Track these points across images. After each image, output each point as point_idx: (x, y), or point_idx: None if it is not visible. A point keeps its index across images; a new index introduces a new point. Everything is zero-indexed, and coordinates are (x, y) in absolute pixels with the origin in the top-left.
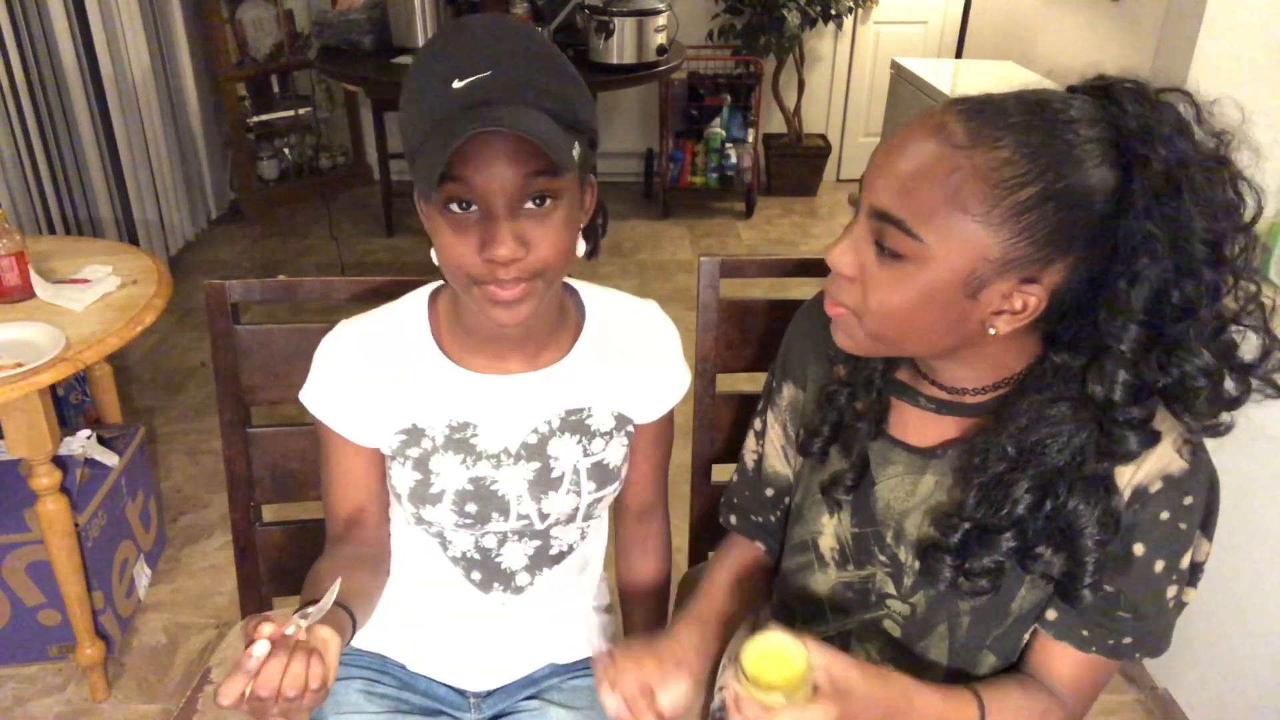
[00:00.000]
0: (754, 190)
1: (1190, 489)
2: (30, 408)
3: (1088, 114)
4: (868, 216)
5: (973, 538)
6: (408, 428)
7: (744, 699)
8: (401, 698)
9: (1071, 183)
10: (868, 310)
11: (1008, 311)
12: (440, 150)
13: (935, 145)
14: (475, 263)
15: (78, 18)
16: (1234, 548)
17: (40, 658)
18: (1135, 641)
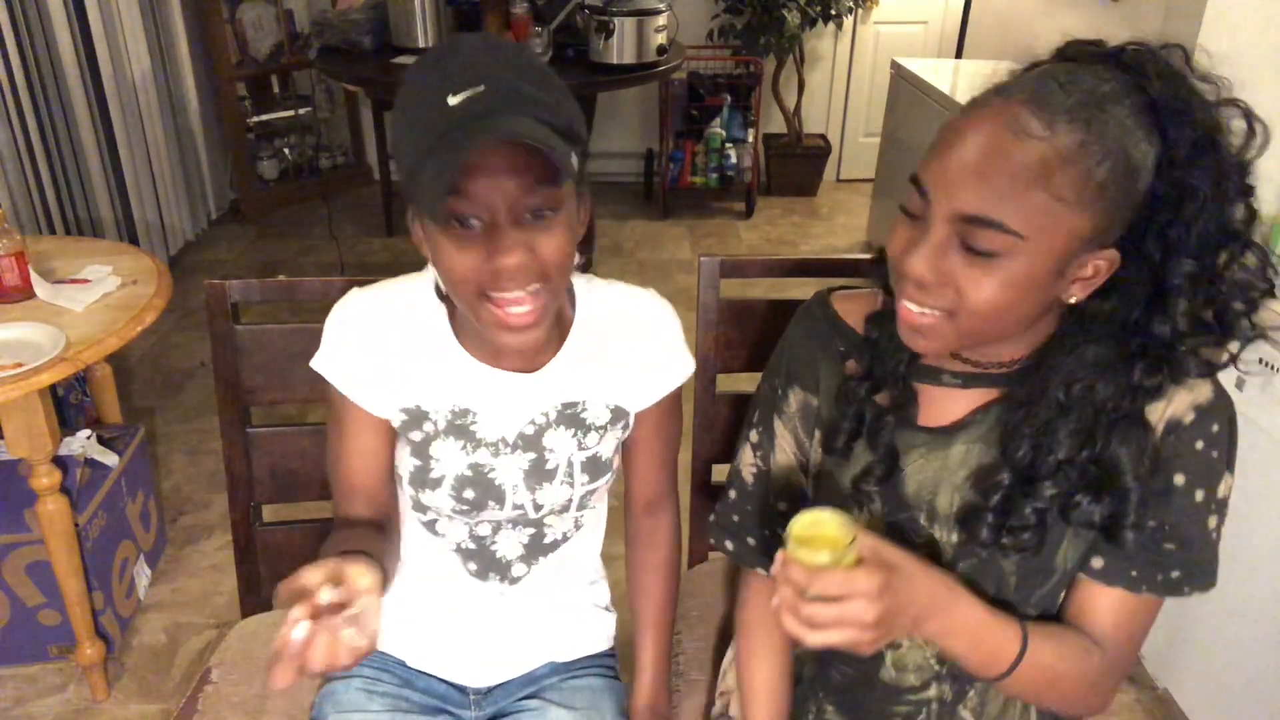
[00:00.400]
0: (754, 190)
1: (1216, 418)
2: (30, 408)
3: (1120, 87)
4: (949, 221)
5: (1016, 492)
6: (412, 407)
7: (789, 562)
8: (402, 695)
9: (1133, 151)
10: (966, 311)
11: (1082, 279)
12: (446, 164)
13: (1015, 139)
14: (483, 275)
15: (78, 18)
16: (1234, 548)
17: (40, 658)
18: (1184, 575)
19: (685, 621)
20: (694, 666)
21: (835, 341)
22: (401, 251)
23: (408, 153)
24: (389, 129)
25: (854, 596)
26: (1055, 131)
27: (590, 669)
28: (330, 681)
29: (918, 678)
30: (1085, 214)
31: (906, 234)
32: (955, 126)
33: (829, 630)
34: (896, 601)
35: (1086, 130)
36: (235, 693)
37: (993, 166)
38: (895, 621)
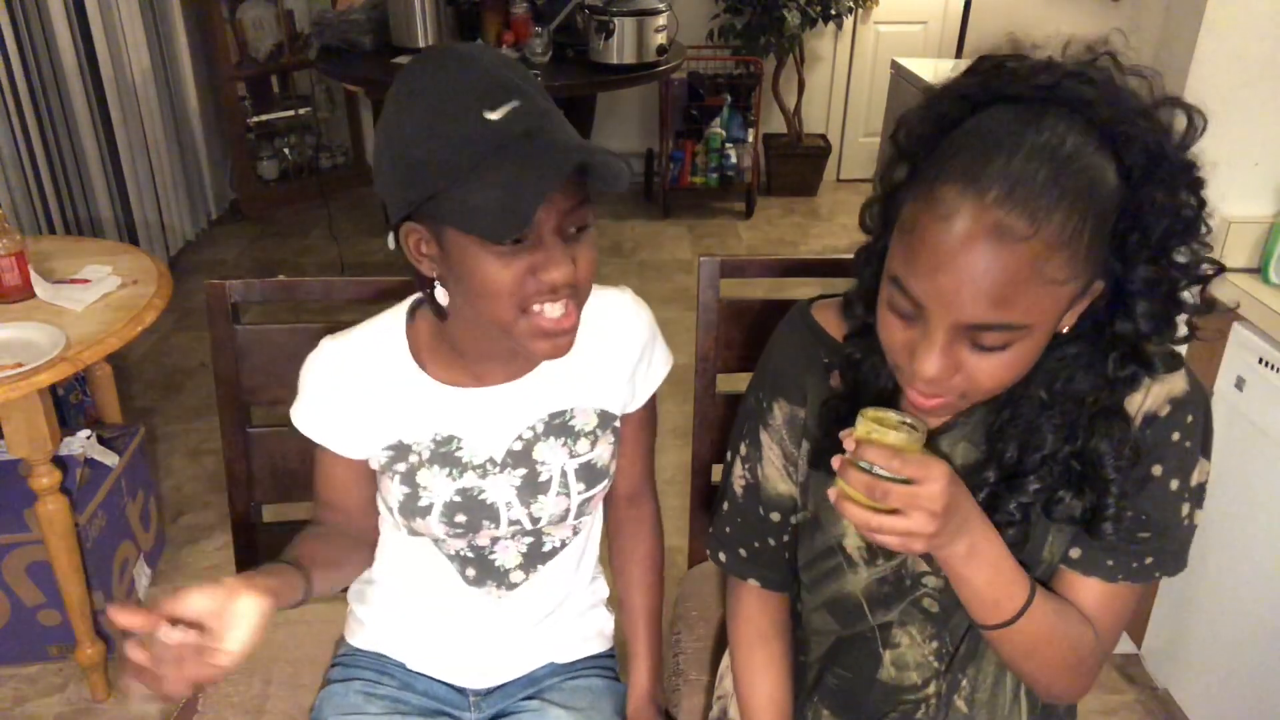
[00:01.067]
0: (754, 190)
1: (1191, 408)
2: (30, 408)
3: (1068, 126)
4: (953, 329)
5: (1001, 489)
6: (394, 443)
7: (865, 443)
8: (401, 698)
9: (1105, 193)
10: (979, 390)
11: (1073, 311)
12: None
13: (1005, 247)
14: (528, 288)
15: (78, 18)
16: (1234, 548)
17: (40, 658)
18: (1156, 561)
19: (685, 621)
20: (694, 666)
21: (819, 353)
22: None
23: (436, 170)
24: (388, 137)
25: (930, 480)
26: (1040, 223)
27: (591, 670)
28: (330, 684)
29: (919, 675)
30: (1077, 281)
31: (903, 332)
32: (940, 247)
33: (898, 515)
34: (958, 498)
35: (1068, 203)
36: (235, 693)
37: (989, 279)
38: (949, 521)
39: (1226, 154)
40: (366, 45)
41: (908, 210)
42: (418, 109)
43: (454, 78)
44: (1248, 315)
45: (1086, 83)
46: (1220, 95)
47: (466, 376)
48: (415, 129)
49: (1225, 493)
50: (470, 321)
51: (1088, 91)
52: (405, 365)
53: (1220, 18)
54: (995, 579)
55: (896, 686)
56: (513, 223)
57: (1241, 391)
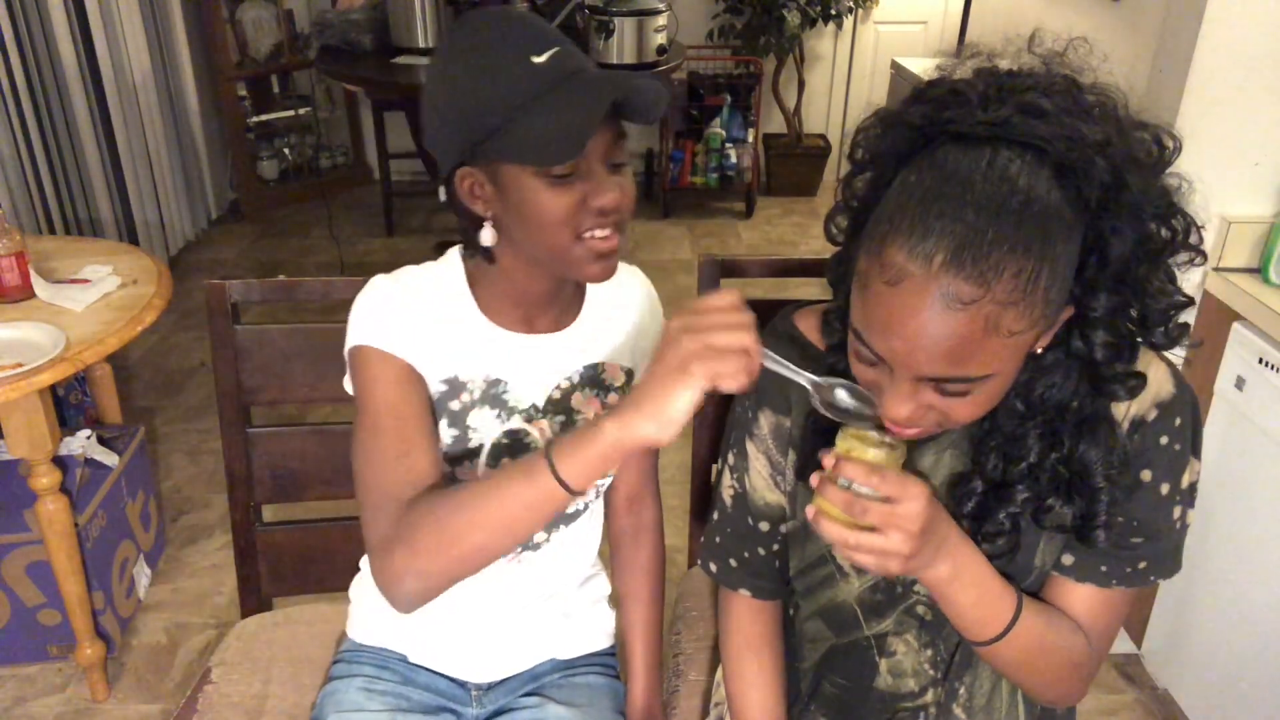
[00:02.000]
0: (754, 190)
1: (1178, 410)
2: (30, 408)
3: (1020, 165)
4: (916, 380)
5: (989, 497)
6: (450, 378)
7: (844, 460)
8: (403, 694)
9: (1059, 239)
10: (956, 423)
11: (1045, 335)
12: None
13: (956, 314)
14: (581, 215)
15: (78, 18)
16: (1235, 548)
17: (40, 658)
18: (1150, 565)
19: (685, 621)
20: (693, 667)
21: (803, 364)
22: (401, 251)
23: (490, 111)
24: (440, 90)
25: (909, 499)
26: (989, 283)
27: (591, 667)
28: (331, 681)
29: (916, 683)
30: (1039, 325)
31: (872, 373)
32: (890, 304)
33: (876, 534)
34: (936, 519)
35: (1019, 257)
36: (235, 693)
37: (942, 343)
38: (928, 542)
39: (1226, 154)
40: (366, 45)
41: (861, 263)
42: (468, 60)
43: (498, 31)
44: (1248, 315)
45: (1039, 116)
46: (1220, 95)
47: (516, 321)
48: (467, 77)
49: (1225, 493)
50: (521, 262)
51: (1040, 128)
52: (464, 302)
53: (1220, 18)
54: (980, 598)
55: (893, 694)
56: (570, 147)
57: (1241, 391)
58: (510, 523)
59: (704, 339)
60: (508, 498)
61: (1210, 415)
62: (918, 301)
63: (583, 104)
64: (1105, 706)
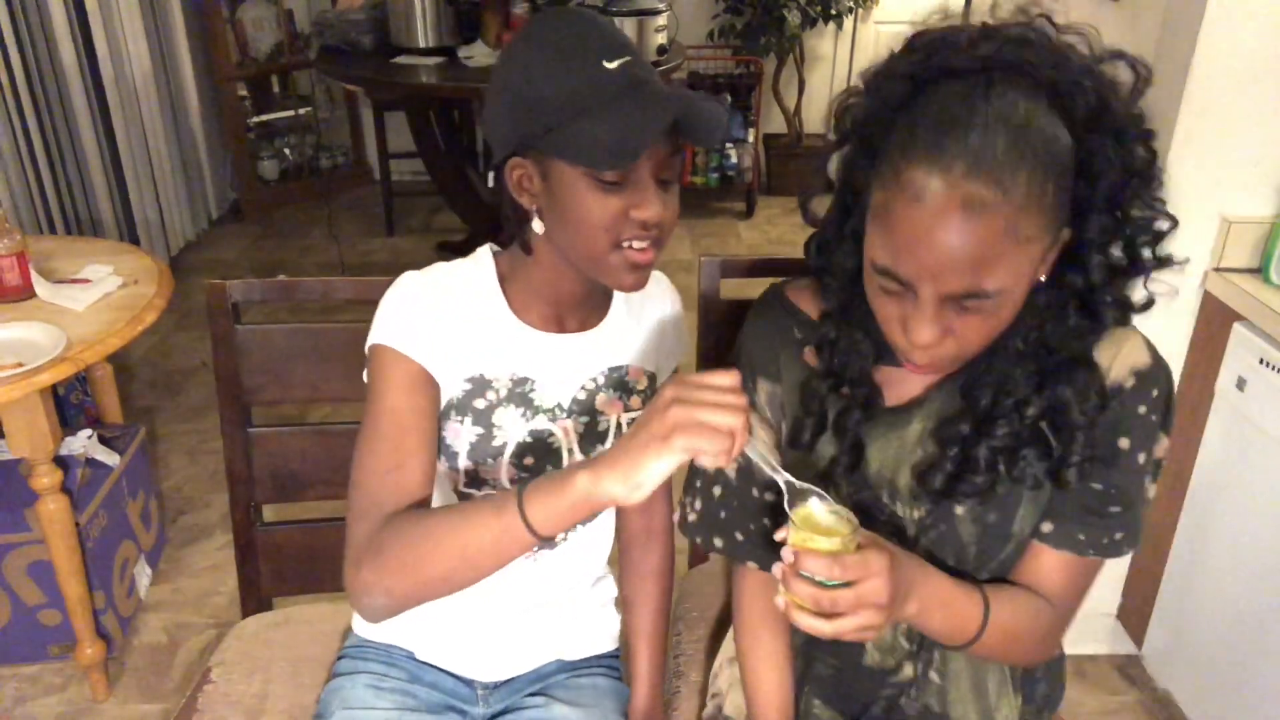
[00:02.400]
0: (754, 190)
1: (1155, 381)
2: (31, 407)
3: (1016, 92)
4: (939, 299)
5: (972, 436)
6: (475, 376)
7: (805, 553)
8: (410, 691)
9: (1060, 151)
10: (970, 347)
11: (1046, 260)
12: (636, 125)
13: (978, 217)
14: (624, 224)
15: (78, 18)
16: (1234, 548)
17: (41, 658)
18: (1124, 536)
19: (685, 622)
20: (693, 667)
21: (793, 330)
22: (402, 251)
23: (556, 107)
24: (510, 77)
25: (871, 576)
26: (1006, 189)
27: (596, 668)
28: (336, 677)
29: (894, 658)
30: (1049, 233)
31: (894, 307)
32: (917, 227)
33: (849, 616)
34: (899, 579)
35: (1029, 165)
36: (235, 692)
37: (968, 250)
38: (896, 599)
39: (1226, 154)
40: (366, 45)
41: (878, 197)
42: (544, 53)
43: (578, 30)
44: (1248, 315)
45: (1026, 46)
46: (1220, 95)
47: (544, 320)
48: (540, 69)
49: (1225, 493)
50: (558, 259)
51: (1029, 55)
52: (494, 299)
53: (1220, 18)
54: (948, 617)
55: (881, 670)
56: (624, 155)
57: (1241, 391)
58: (474, 557)
59: (695, 413)
60: (475, 532)
61: (1210, 415)
62: (942, 212)
63: (644, 116)
64: (1105, 706)
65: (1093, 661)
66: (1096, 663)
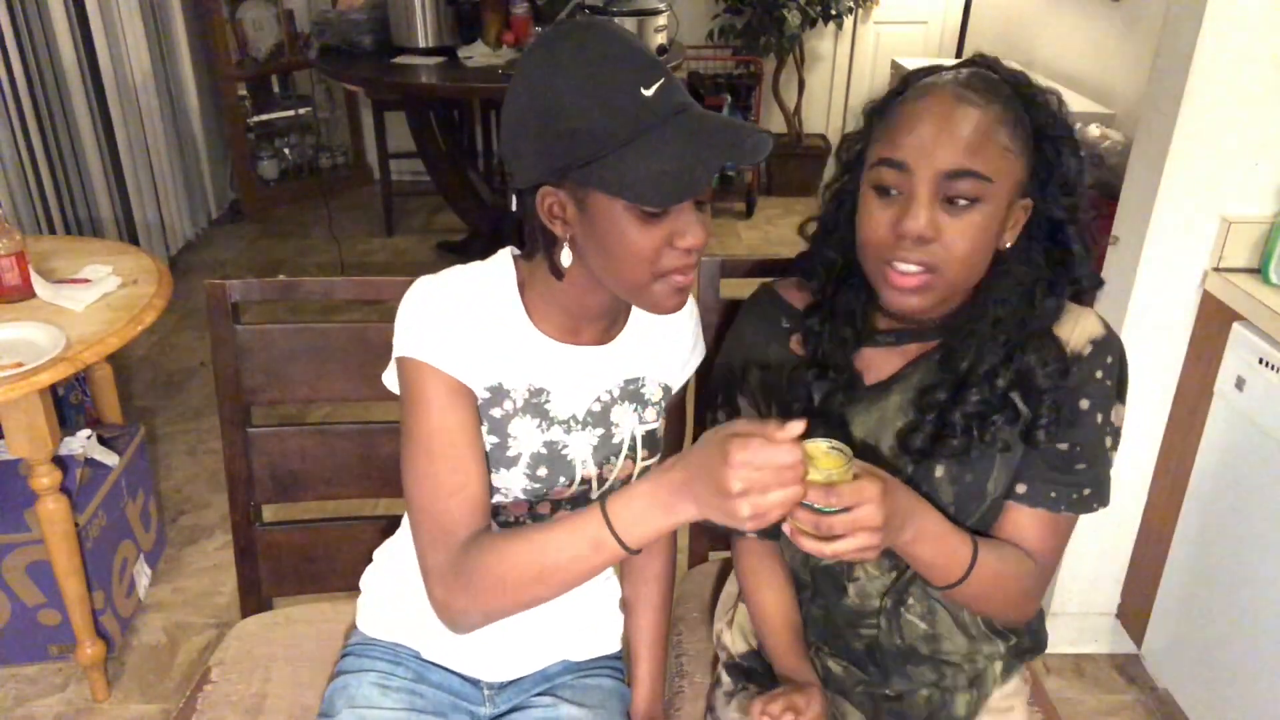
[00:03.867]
0: (754, 190)
1: (1109, 351)
2: (30, 408)
3: (994, 78)
4: (933, 182)
5: (949, 403)
6: (494, 385)
7: (804, 485)
8: (416, 690)
9: (1030, 115)
10: (951, 258)
11: (1012, 228)
12: (687, 162)
13: (968, 108)
14: (664, 255)
15: (78, 18)
16: (1234, 548)
17: (40, 658)
18: (1092, 493)
19: (685, 622)
20: (695, 667)
21: (780, 320)
22: (402, 251)
23: (592, 137)
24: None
25: (864, 502)
26: (989, 102)
27: (602, 669)
28: (341, 675)
29: (874, 603)
30: (1020, 160)
31: (887, 211)
32: (915, 111)
33: (846, 538)
34: (893, 505)
35: (1003, 103)
36: (235, 692)
37: (958, 129)
38: (892, 524)
39: (1226, 154)
40: (366, 45)
41: (879, 129)
42: (575, 78)
43: (606, 50)
44: (1248, 315)
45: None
46: (1220, 95)
47: (563, 331)
48: (574, 98)
49: (1225, 493)
50: (588, 280)
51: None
52: (513, 308)
53: (1220, 18)
54: (940, 550)
55: (859, 612)
56: (682, 192)
57: (1241, 391)
58: (566, 578)
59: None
60: (567, 557)
61: (1210, 415)
62: (940, 99)
63: (696, 151)
64: (1105, 706)
65: (1092, 661)
66: (1096, 662)
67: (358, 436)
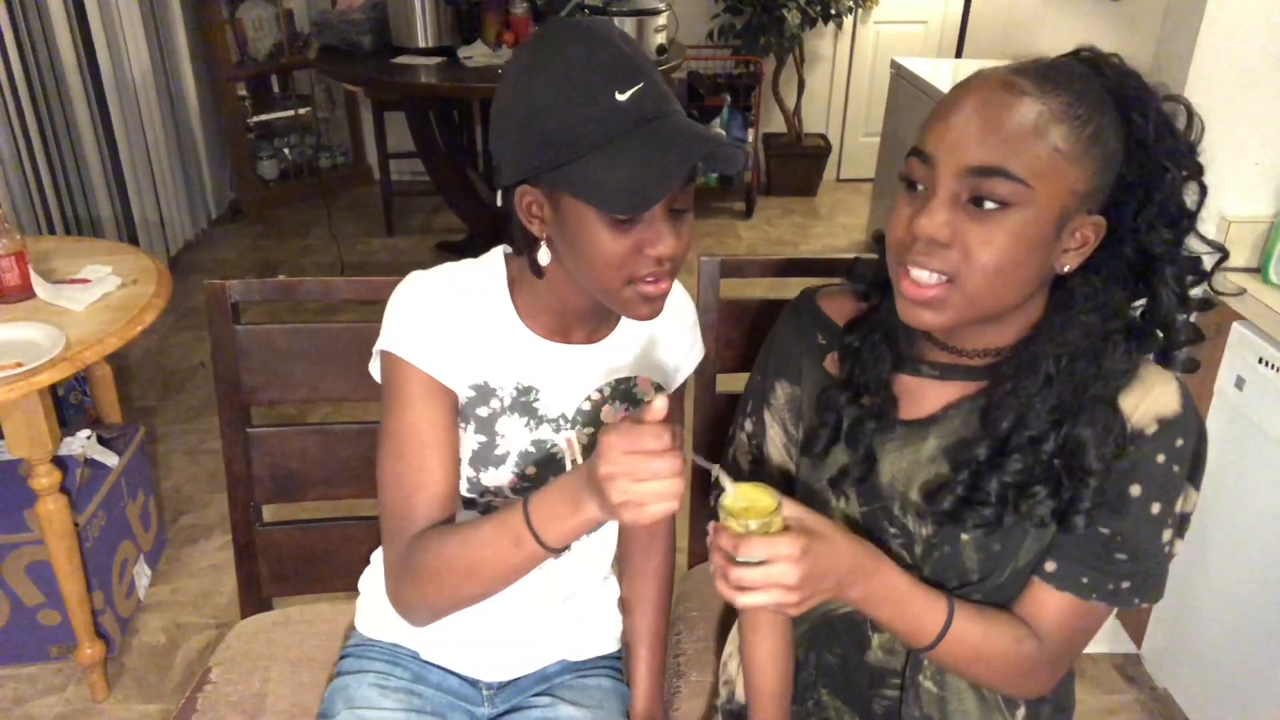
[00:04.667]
0: (754, 190)
1: (1181, 432)
2: (30, 408)
3: (1086, 71)
4: (957, 178)
5: (984, 466)
6: (480, 383)
7: (719, 530)
8: (415, 690)
9: (1111, 119)
10: (972, 270)
11: (1074, 249)
12: (654, 171)
13: (1014, 97)
14: (636, 261)
15: (78, 18)
16: (1234, 548)
17: (40, 658)
18: (1134, 586)
19: (685, 622)
20: (694, 667)
21: (816, 335)
22: (401, 251)
23: (565, 141)
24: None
25: (777, 560)
26: (1045, 93)
27: (600, 669)
28: (340, 676)
29: (899, 660)
30: (1079, 167)
31: (909, 207)
32: (953, 97)
33: (755, 592)
34: (819, 565)
35: (1071, 95)
36: (235, 692)
37: (996, 120)
38: (819, 585)
39: (1226, 154)
40: (366, 45)
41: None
42: (552, 81)
43: (587, 53)
44: (1248, 315)
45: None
46: (1220, 95)
47: (551, 330)
48: (548, 100)
49: (1225, 493)
50: (567, 281)
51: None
52: (502, 306)
53: (1220, 18)
54: (902, 612)
55: (882, 669)
56: (641, 202)
57: (1241, 391)
58: (494, 575)
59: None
60: (490, 553)
61: (1210, 415)
62: (981, 88)
63: (661, 160)
64: (1105, 706)
65: (1092, 661)
66: (1096, 662)
67: (357, 436)
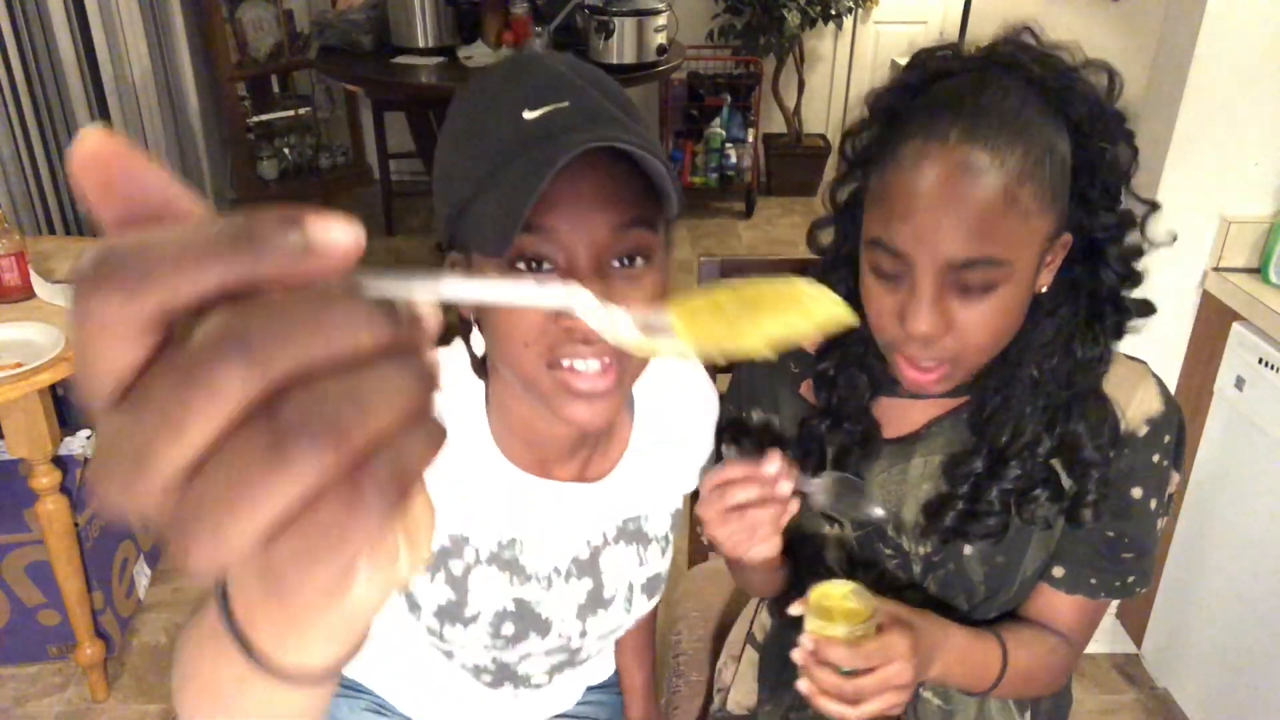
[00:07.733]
0: (754, 190)
1: (1167, 428)
2: (30, 407)
3: (1010, 84)
4: (939, 274)
5: (983, 477)
6: (457, 535)
7: (825, 643)
8: None
9: (1058, 143)
10: (971, 350)
11: (1048, 268)
12: (521, 187)
13: (974, 179)
14: (553, 334)
15: (78, 18)
16: (1234, 548)
17: (40, 658)
18: (1136, 579)
19: (685, 622)
20: (693, 667)
21: (789, 364)
22: (401, 251)
23: (465, 177)
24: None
25: (893, 660)
26: (1003, 156)
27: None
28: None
29: None
30: (1047, 216)
31: (890, 298)
32: (908, 187)
33: (874, 698)
34: (919, 653)
35: (1024, 140)
36: None
37: (964, 209)
38: (920, 672)
39: (1226, 154)
40: (366, 45)
41: (875, 182)
42: (462, 114)
43: (508, 78)
44: (1248, 315)
45: (1017, 47)
46: (1220, 95)
47: (530, 463)
48: (452, 134)
49: (1225, 493)
50: (517, 389)
51: (1022, 56)
52: (478, 433)
53: (1220, 17)
54: (971, 668)
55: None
56: (503, 231)
57: (1241, 391)
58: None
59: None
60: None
61: (1210, 415)
62: (939, 175)
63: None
64: (1105, 706)
65: (1092, 661)
66: (1096, 662)
67: None
